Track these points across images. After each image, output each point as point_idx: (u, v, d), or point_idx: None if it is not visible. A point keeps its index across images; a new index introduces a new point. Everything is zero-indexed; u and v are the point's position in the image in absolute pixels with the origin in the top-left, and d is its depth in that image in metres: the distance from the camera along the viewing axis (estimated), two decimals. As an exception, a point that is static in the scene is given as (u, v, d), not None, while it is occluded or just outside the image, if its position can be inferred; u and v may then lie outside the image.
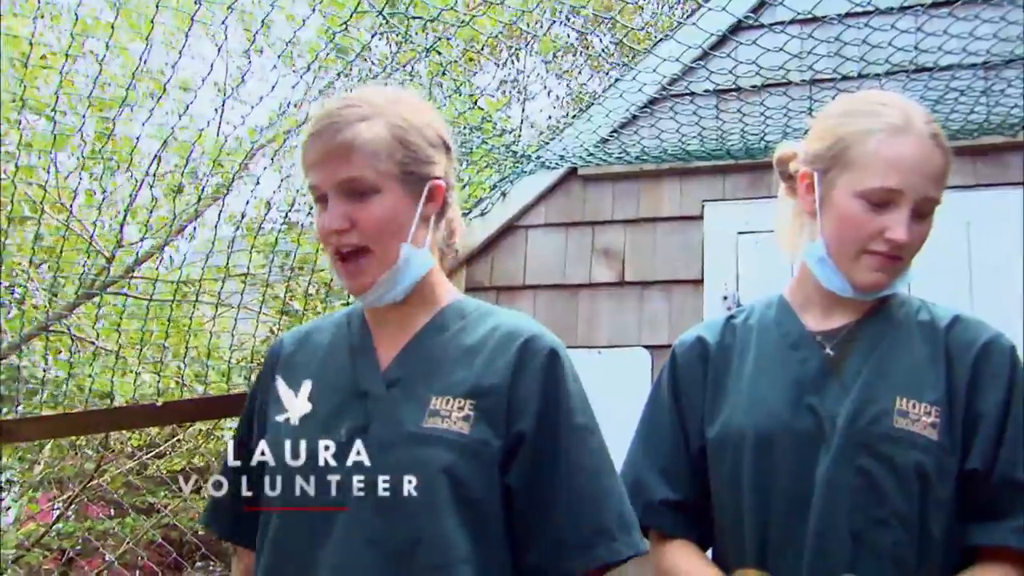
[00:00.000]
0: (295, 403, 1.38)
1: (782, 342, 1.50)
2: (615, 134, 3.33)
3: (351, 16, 2.52)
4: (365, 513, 1.28)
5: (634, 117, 3.28)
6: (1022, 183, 2.99)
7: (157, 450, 5.90)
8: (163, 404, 3.00)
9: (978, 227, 3.03)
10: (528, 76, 9.76)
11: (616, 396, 3.21)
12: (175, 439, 5.92)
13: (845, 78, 2.75)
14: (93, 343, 3.73)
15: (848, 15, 2.47)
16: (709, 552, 1.55)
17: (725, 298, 3.24)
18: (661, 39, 3.15)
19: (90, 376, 3.64)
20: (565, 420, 1.34)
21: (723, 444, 1.47)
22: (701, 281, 3.30)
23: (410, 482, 1.27)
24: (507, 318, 1.43)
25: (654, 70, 2.69)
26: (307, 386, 1.39)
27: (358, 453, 1.29)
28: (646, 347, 3.31)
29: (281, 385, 1.41)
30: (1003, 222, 3.00)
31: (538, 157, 3.19)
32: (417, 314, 1.41)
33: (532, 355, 1.35)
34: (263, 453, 1.37)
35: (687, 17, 3.24)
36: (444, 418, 1.30)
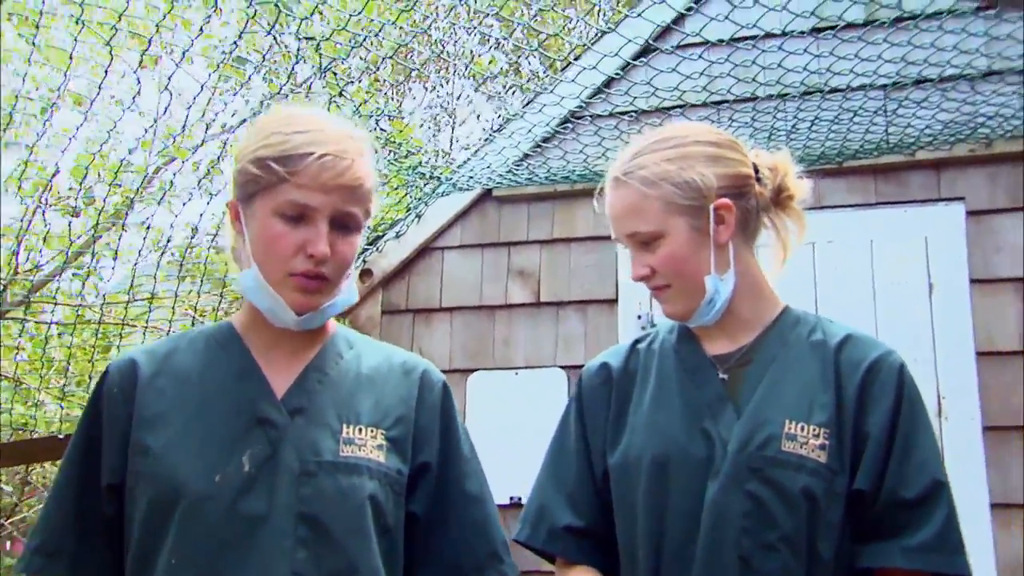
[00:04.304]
0: (176, 429, 1.28)
1: (680, 367, 1.51)
2: (527, 157, 3.35)
3: (240, 35, 2.47)
4: (285, 544, 1.22)
5: (545, 141, 3.31)
6: (922, 200, 3.10)
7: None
8: (66, 436, 2.88)
9: (881, 244, 3.12)
10: (457, 100, 9.78)
11: (533, 416, 3.23)
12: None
13: (741, 99, 2.82)
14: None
15: (737, 39, 2.53)
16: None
17: (639, 317, 3.27)
18: (568, 65, 3.19)
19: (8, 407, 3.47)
20: (458, 450, 1.41)
21: (623, 469, 1.47)
22: (616, 301, 3.33)
23: (336, 511, 1.24)
24: (392, 349, 1.47)
25: (558, 100, 2.71)
26: (188, 411, 1.29)
27: (271, 483, 1.24)
28: (562, 367, 3.32)
29: (149, 407, 1.30)
30: (903, 239, 3.10)
31: (449, 180, 3.19)
32: (309, 340, 1.38)
33: (430, 387, 1.42)
34: (141, 482, 1.25)
35: (594, 42, 3.28)
36: (360, 447, 1.30)
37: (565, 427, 1.62)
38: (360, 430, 1.31)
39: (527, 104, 3.41)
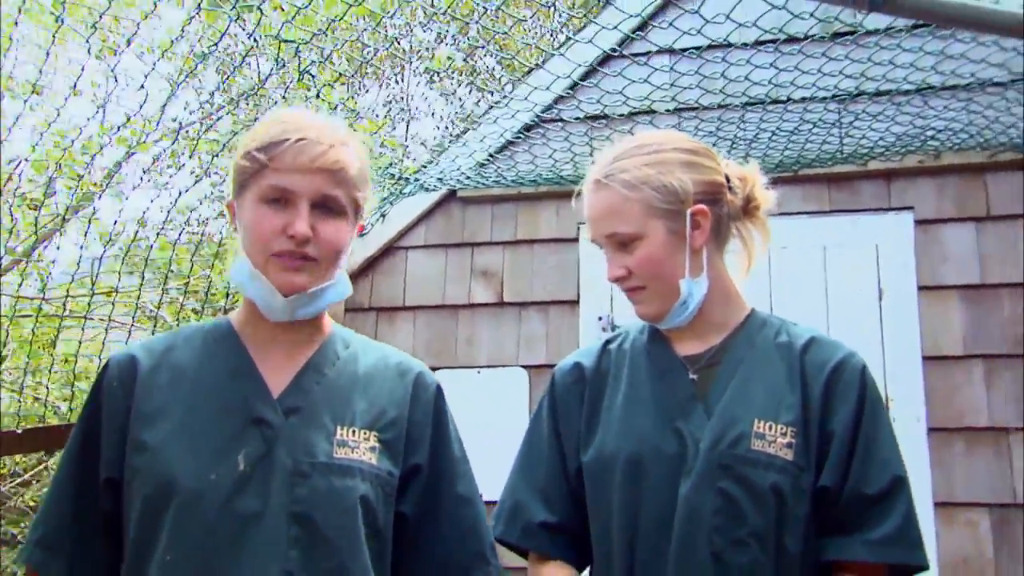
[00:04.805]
0: (173, 425, 1.29)
1: (651, 367, 1.55)
2: (492, 158, 3.38)
3: (220, 38, 2.47)
4: (278, 544, 1.24)
5: (511, 142, 3.34)
6: (873, 209, 3.20)
7: (21, 479, 5.58)
8: (24, 431, 2.84)
9: (833, 251, 3.22)
10: (412, 96, 9.77)
11: (495, 414, 3.28)
12: (41, 467, 5.61)
13: (707, 107, 2.89)
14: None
15: (708, 48, 2.59)
16: (586, 573, 1.59)
17: (600, 319, 3.33)
18: (533, 68, 3.23)
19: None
20: (450, 452, 1.44)
21: (596, 467, 1.51)
22: (577, 302, 3.39)
23: (328, 512, 1.26)
24: (388, 350, 1.49)
25: (525, 98, 2.76)
26: (185, 407, 1.31)
27: (266, 482, 1.26)
28: (524, 367, 3.37)
29: (148, 403, 1.31)
30: (855, 246, 3.20)
31: (416, 179, 3.21)
32: (306, 339, 1.40)
33: (424, 389, 1.44)
34: (138, 477, 1.27)
35: (558, 48, 3.34)
36: (353, 448, 1.32)
37: (538, 425, 1.65)
38: (354, 432, 1.33)
39: (492, 108, 3.45)
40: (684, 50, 2.46)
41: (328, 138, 1.32)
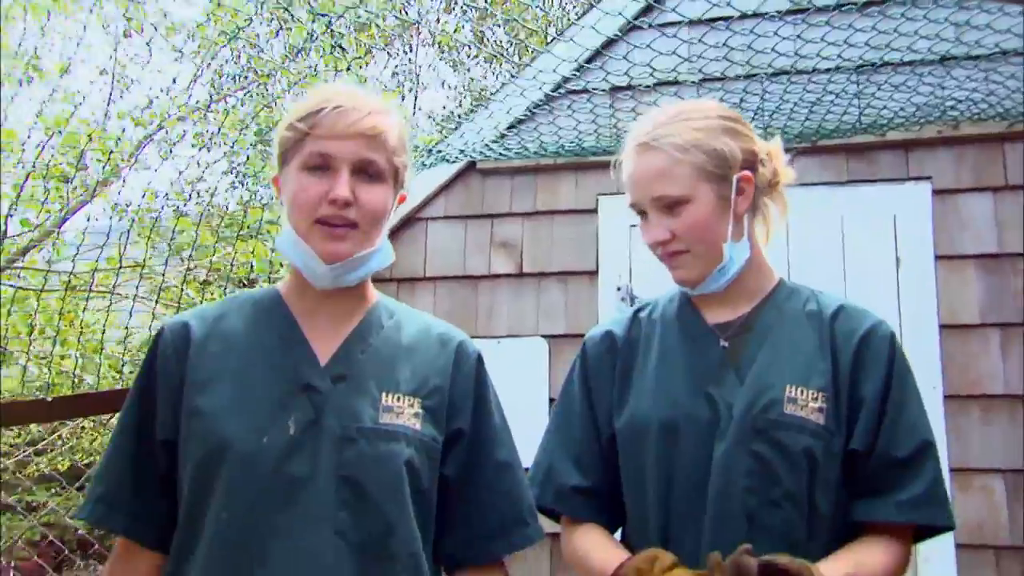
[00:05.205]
0: (225, 391, 1.33)
1: (683, 335, 1.59)
2: (513, 129, 3.40)
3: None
4: (328, 506, 1.28)
5: (532, 114, 3.36)
6: (891, 179, 3.22)
7: (36, 447, 5.66)
8: (53, 399, 2.88)
9: (851, 220, 3.24)
10: (421, 68, 9.74)
11: (515, 383, 3.32)
12: (55, 435, 5.69)
13: (730, 79, 2.90)
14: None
15: (735, 18, 2.60)
16: (618, 534, 1.63)
17: (619, 289, 3.36)
18: (555, 39, 3.24)
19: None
20: (490, 419, 1.48)
21: (630, 432, 1.55)
22: (596, 272, 3.42)
23: (375, 475, 1.31)
24: (430, 319, 1.53)
25: (554, 70, 2.77)
26: (237, 374, 1.35)
27: (315, 446, 1.30)
28: (543, 336, 3.41)
29: (201, 370, 1.35)
30: (873, 215, 3.22)
31: (438, 151, 3.23)
32: (351, 308, 1.44)
33: (465, 358, 1.48)
34: (193, 441, 1.31)
35: (579, 18, 3.34)
36: (398, 414, 1.36)
37: (569, 393, 1.68)
38: (399, 398, 1.37)
39: (514, 78, 3.46)
40: (712, 20, 2.46)
41: (366, 106, 1.36)
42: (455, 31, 9.56)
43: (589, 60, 3.25)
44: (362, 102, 1.36)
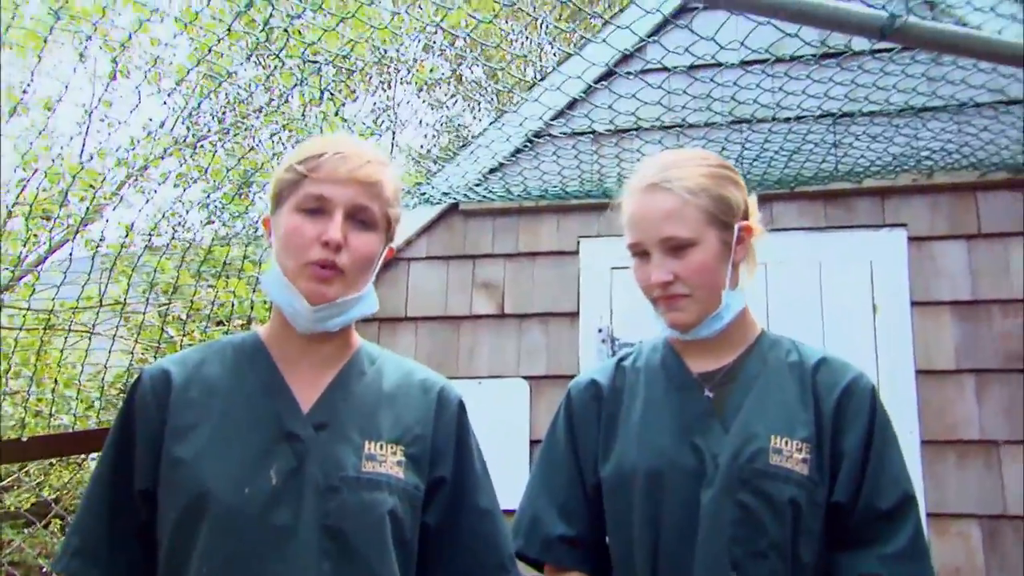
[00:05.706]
0: (206, 439, 1.31)
1: (668, 384, 1.60)
2: (496, 172, 3.42)
3: (219, 41, 2.50)
4: (311, 556, 1.27)
5: (515, 158, 3.39)
6: (867, 225, 3.27)
7: (2, 483, 5.55)
8: (28, 439, 2.85)
9: (828, 266, 3.28)
10: (399, 104, 9.79)
11: (496, 424, 3.32)
12: (23, 471, 5.59)
13: (713, 126, 2.94)
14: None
15: (721, 67, 2.65)
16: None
17: (600, 331, 3.38)
18: (534, 84, 3.28)
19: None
20: (472, 466, 1.48)
21: (616, 480, 1.55)
22: (577, 314, 3.43)
23: (358, 525, 1.30)
24: (412, 364, 1.53)
25: (540, 117, 2.80)
26: (218, 422, 1.33)
27: (298, 496, 1.29)
28: (524, 377, 3.41)
29: (181, 417, 1.33)
30: (850, 261, 3.27)
31: (421, 193, 3.25)
32: (333, 354, 1.44)
33: (448, 405, 1.48)
34: (173, 490, 1.29)
35: (559, 64, 3.39)
36: (381, 462, 1.36)
37: (554, 440, 1.68)
38: (381, 446, 1.37)
39: (497, 120, 3.50)
40: (696, 67, 2.51)
41: (366, 155, 1.38)
42: (431, 71, 9.63)
43: (570, 106, 3.29)
44: (363, 151, 1.38)
